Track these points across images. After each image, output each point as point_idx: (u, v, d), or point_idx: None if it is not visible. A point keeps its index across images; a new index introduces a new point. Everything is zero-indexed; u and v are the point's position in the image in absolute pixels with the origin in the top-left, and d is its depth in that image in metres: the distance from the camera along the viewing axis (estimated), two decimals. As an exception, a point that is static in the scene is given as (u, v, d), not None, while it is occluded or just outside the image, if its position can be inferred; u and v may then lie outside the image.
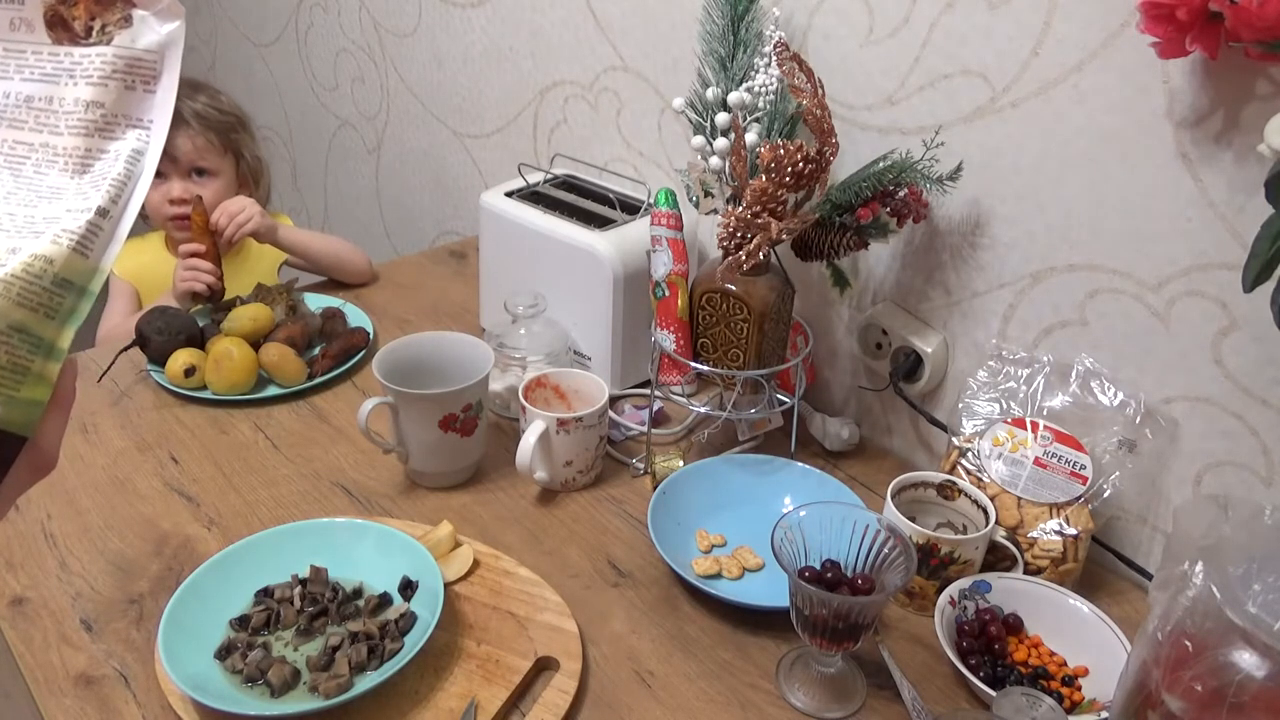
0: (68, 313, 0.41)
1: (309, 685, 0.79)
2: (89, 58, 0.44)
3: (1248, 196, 0.80)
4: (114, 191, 0.43)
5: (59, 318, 0.41)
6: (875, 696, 0.82)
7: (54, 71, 0.44)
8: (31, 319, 0.40)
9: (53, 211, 0.42)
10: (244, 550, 0.89)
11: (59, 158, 0.43)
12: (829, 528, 0.82)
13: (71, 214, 0.42)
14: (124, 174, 0.44)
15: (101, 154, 0.44)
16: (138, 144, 0.44)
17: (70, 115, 0.44)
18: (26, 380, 0.40)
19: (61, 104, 0.44)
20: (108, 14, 0.44)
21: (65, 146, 0.43)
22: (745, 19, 1.01)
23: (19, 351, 0.40)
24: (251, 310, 1.24)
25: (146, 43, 0.45)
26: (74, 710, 0.79)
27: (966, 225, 1.00)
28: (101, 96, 0.44)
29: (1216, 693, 0.58)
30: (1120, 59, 0.84)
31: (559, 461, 1.03)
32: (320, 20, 1.99)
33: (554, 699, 0.79)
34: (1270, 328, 0.70)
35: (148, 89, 0.45)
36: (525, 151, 1.57)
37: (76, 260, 0.41)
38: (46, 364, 0.41)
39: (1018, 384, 0.98)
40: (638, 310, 1.14)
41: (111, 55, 0.44)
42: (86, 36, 0.44)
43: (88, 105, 0.44)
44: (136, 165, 0.44)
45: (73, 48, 0.44)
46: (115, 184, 0.43)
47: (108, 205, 0.43)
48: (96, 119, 0.44)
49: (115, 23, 0.44)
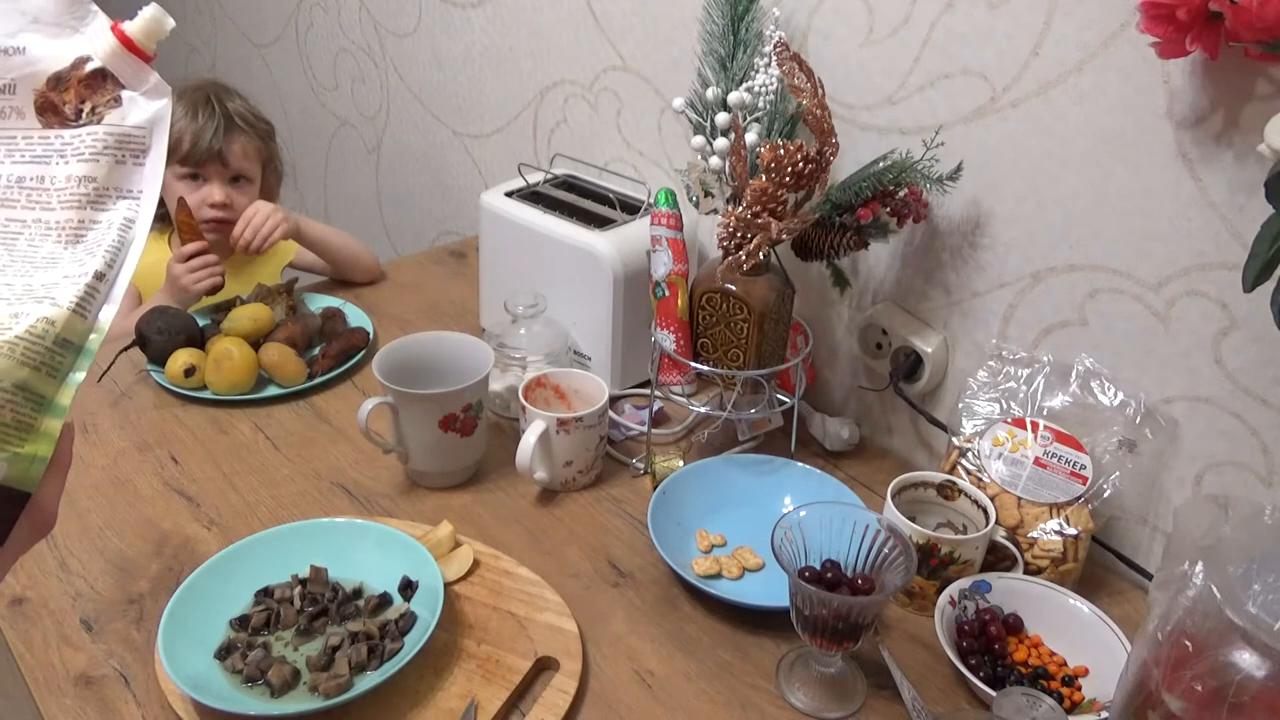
0: (68, 371, 0.43)
1: (309, 685, 0.79)
2: (79, 137, 0.47)
3: (1248, 196, 0.80)
4: (109, 256, 0.45)
5: (59, 376, 0.43)
6: (875, 696, 0.82)
7: (44, 153, 0.46)
8: (34, 378, 0.42)
9: (50, 278, 0.44)
10: (244, 550, 0.89)
11: (52, 230, 0.45)
12: (829, 528, 0.82)
13: (70, 279, 0.44)
14: (118, 240, 0.46)
15: (94, 224, 0.46)
16: (129, 213, 0.47)
17: (62, 191, 0.46)
18: (30, 437, 0.42)
19: (53, 181, 0.46)
20: (97, 96, 0.47)
21: (58, 220, 0.45)
22: (745, 19, 1.01)
23: (23, 409, 0.42)
24: (251, 310, 1.24)
25: (136, 119, 0.47)
26: (74, 710, 0.79)
27: (966, 225, 1.00)
28: (93, 171, 0.46)
29: (1216, 693, 0.58)
30: (1120, 59, 0.84)
31: (559, 461, 1.03)
32: (320, 20, 1.99)
33: (554, 699, 0.79)
34: (1270, 328, 0.71)
35: (137, 162, 0.47)
36: (525, 151, 1.57)
37: (76, 321, 0.43)
38: (49, 421, 0.43)
39: (1018, 384, 0.98)
40: (638, 310, 1.14)
41: (103, 133, 0.47)
42: (76, 118, 0.47)
43: (80, 180, 0.46)
44: (129, 232, 0.47)
45: (62, 130, 0.47)
46: (110, 250, 0.45)
47: (104, 269, 0.45)
48: (89, 192, 0.46)
49: (105, 103, 0.47)
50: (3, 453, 0.41)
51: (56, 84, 0.46)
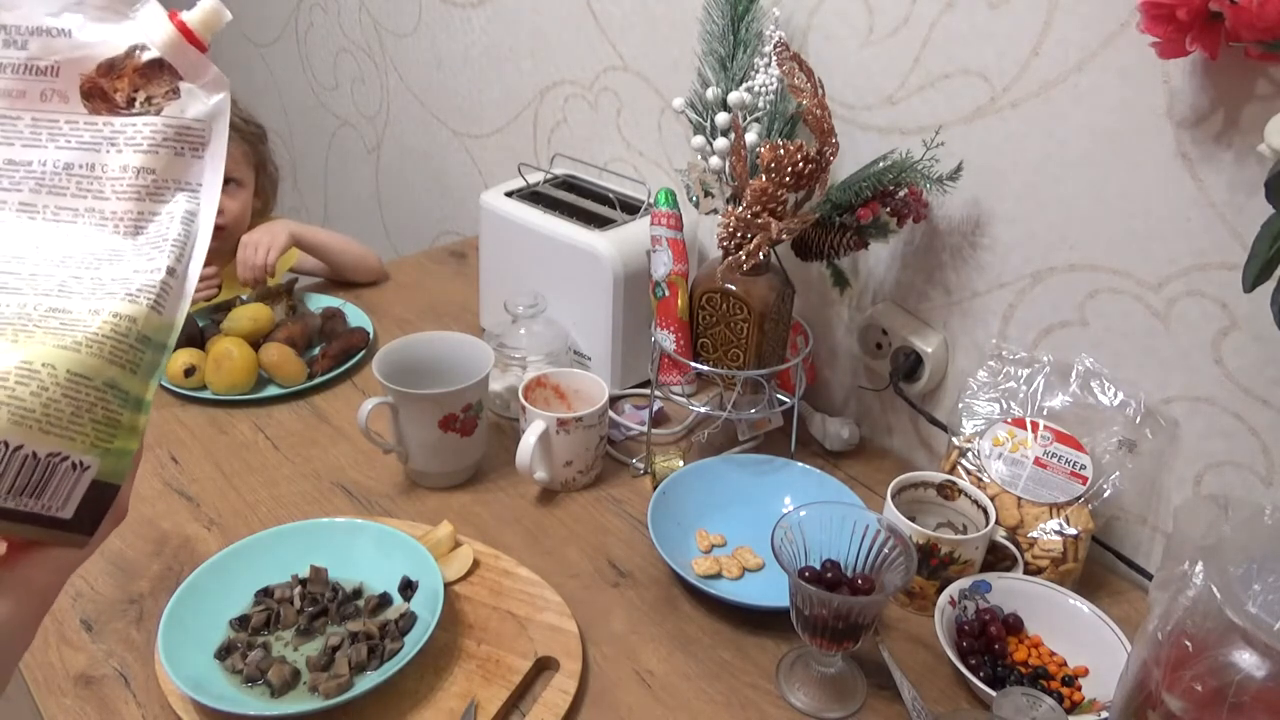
0: (149, 367, 0.44)
1: (309, 685, 0.79)
2: (134, 126, 0.46)
3: (1248, 196, 0.80)
4: (177, 251, 0.46)
5: (141, 372, 0.44)
6: (875, 696, 0.82)
7: (93, 140, 0.46)
8: (120, 375, 0.43)
9: (119, 272, 0.44)
10: (244, 550, 0.89)
11: (108, 221, 0.45)
12: (829, 528, 0.82)
13: (140, 274, 0.44)
14: (182, 234, 0.46)
15: (154, 216, 0.46)
16: (190, 205, 0.47)
17: (117, 181, 0.46)
18: (119, 433, 0.43)
19: (105, 170, 0.46)
20: (154, 87, 0.46)
21: (114, 210, 0.45)
22: (745, 19, 1.00)
23: (112, 406, 0.43)
24: (251, 310, 1.24)
25: (195, 113, 0.47)
26: (74, 710, 0.79)
27: (966, 225, 1.00)
28: (151, 163, 0.46)
29: (1216, 693, 0.58)
30: (1120, 59, 0.84)
31: (559, 461, 1.03)
32: (320, 20, 1.99)
33: (554, 699, 0.79)
34: (1270, 328, 0.71)
35: (196, 155, 0.47)
36: (525, 151, 1.57)
37: (154, 318, 0.44)
38: (135, 416, 0.44)
39: (1018, 384, 0.98)
40: (638, 310, 1.14)
41: (161, 124, 0.46)
42: (129, 107, 0.46)
43: (138, 171, 0.46)
44: (192, 226, 0.47)
45: (112, 117, 0.46)
46: (177, 244, 0.46)
47: (174, 264, 0.45)
48: (147, 184, 0.46)
49: (163, 95, 0.46)
50: (96, 449, 0.42)
51: (109, 70, 0.46)
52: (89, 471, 0.42)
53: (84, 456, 0.42)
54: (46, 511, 0.42)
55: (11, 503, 0.40)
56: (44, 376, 0.40)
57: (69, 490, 0.42)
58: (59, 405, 0.40)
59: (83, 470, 0.42)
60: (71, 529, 0.43)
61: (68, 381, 0.41)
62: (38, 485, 0.41)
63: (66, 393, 0.41)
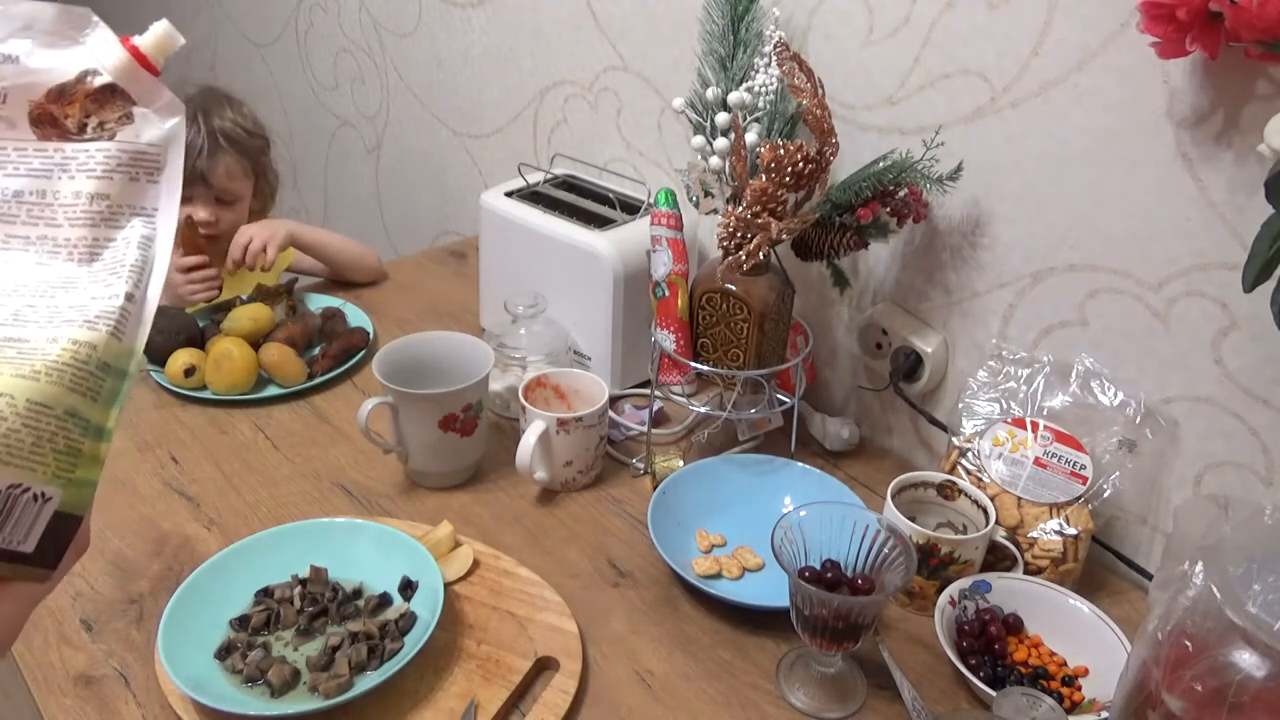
0: (110, 395, 0.43)
1: (309, 685, 0.79)
2: (87, 152, 0.45)
3: (1248, 196, 0.80)
4: (135, 277, 0.45)
5: (102, 400, 0.43)
6: (875, 696, 0.82)
7: (43, 167, 0.45)
8: (81, 403, 0.42)
9: (76, 300, 0.43)
10: (244, 550, 0.89)
11: (61, 248, 0.44)
12: (829, 528, 0.82)
13: (98, 300, 0.43)
14: (139, 259, 0.45)
15: (109, 242, 0.45)
16: (146, 230, 0.46)
17: (70, 208, 0.45)
18: (80, 462, 0.42)
19: (57, 197, 0.45)
20: (106, 112, 0.46)
21: (67, 237, 0.45)
22: (745, 19, 1.00)
23: (73, 435, 0.42)
24: (251, 310, 1.24)
25: (149, 137, 0.46)
26: (74, 710, 0.79)
27: (966, 225, 1.00)
28: (106, 189, 0.45)
29: (1216, 693, 0.58)
30: (1120, 59, 0.84)
31: (559, 461, 1.03)
32: (320, 20, 1.99)
33: (554, 699, 0.79)
34: (1270, 328, 0.71)
35: (151, 179, 0.46)
36: (525, 151, 1.57)
37: (114, 344, 0.43)
38: (97, 445, 0.43)
39: (1018, 384, 0.98)
40: (638, 310, 1.14)
41: (115, 150, 0.46)
42: (80, 133, 0.45)
43: (91, 197, 0.45)
44: (149, 250, 0.46)
45: (63, 143, 0.45)
46: (135, 269, 0.45)
47: (133, 290, 0.44)
48: (101, 209, 0.45)
49: (116, 120, 0.46)
50: (58, 479, 0.41)
51: (59, 96, 0.45)
52: (51, 503, 0.41)
53: (46, 487, 0.41)
54: (7, 545, 0.41)
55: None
56: (2, 406, 0.39)
57: (30, 523, 0.41)
58: (19, 435, 0.39)
59: (45, 502, 0.41)
60: (33, 563, 0.42)
61: (27, 411, 0.40)
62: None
63: (26, 422, 0.40)
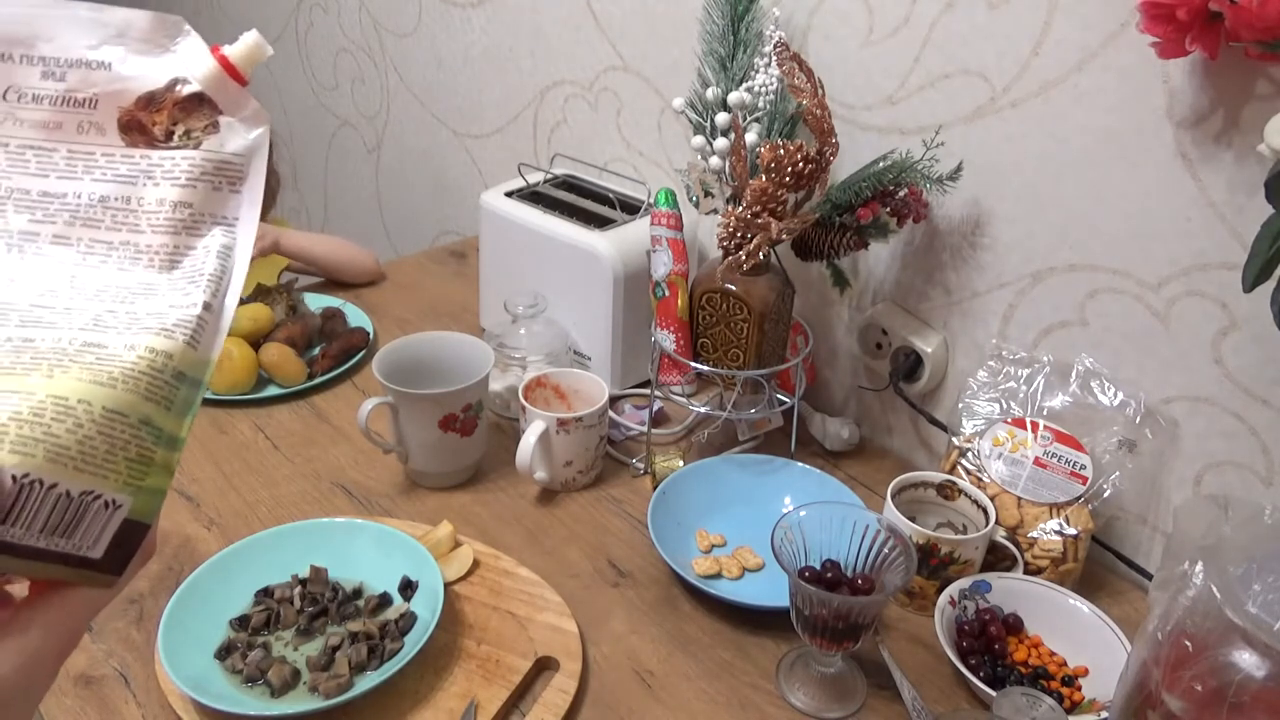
0: (184, 404, 0.43)
1: (309, 685, 0.79)
2: (171, 159, 0.46)
3: (1248, 196, 0.80)
4: (213, 286, 0.45)
5: (175, 409, 0.43)
6: (875, 696, 0.82)
7: (130, 173, 0.45)
8: (156, 411, 0.42)
9: (155, 307, 0.43)
10: (244, 550, 0.89)
11: (143, 255, 0.45)
12: (829, 528, 0.82)
13: (176, 309, 0.44)
14: (218, 269, 0.45)
15: (190, 250, 0.45)
16: (226, 240, 0.46)
17: (153, 214, 0.45)
18: (152, 471, 0.42)
19: (141, 204, 0.45)
20: (193, 120, 0.46)
21: (149, 244, 0.45)
22: (745, 19, 1.00)
23: (146, 443, 0.42)
24: (251, 310, 1.24)
25: (234, 147, 0.47)
26: (74, 710, 0.79)
27: (966, 225, 1.00)
28: (188, 197, 0.45)
29: (1216, 693, 0.58)
30: (1120, 59, 0.84)
31: (559, 461, 1.03)
32: (320, 20, 1.99)
33: (554, 699, 0.79)
34: (1270, 328, 0.71)
35: (234, 189, 0.47)
36: (525, 151, 1.57)
37: (190, 353, 0.43)
38: (169, 454, 0.43)
39: (1018, 384, 0.98)
40: (638, 310, 1.14)
41: (200, 159, 0.46)
42: (166, 140, 0.45)
43: (174, 205, 0.45)
44: (228, 260, 0.46)
45: (149, 151, 0.45)
46: (213, 279, 0.45)
47: (210, 299, 0.44)
48: (184, 217, 0.45)
49: (202, 129, 0.46)
50: (129, 487, 0.41)
51: (148, 104, 0.45)
52: (120, 510, 0.41)
53: (116, 495, 0.41)
54: (77, 551, 0.41)
55: (43, 542, 0.39)
56: (79, 413, 0.39)
57: (100, 529, 0.41)
58: (94, 442, 0.40)
59: (115, 509, 0.41)
60: (100, 569, 0.42)
61: (103, 418, 0.40)
62: (70, 525, 0.40)
63: (102, 429, 0.40)
